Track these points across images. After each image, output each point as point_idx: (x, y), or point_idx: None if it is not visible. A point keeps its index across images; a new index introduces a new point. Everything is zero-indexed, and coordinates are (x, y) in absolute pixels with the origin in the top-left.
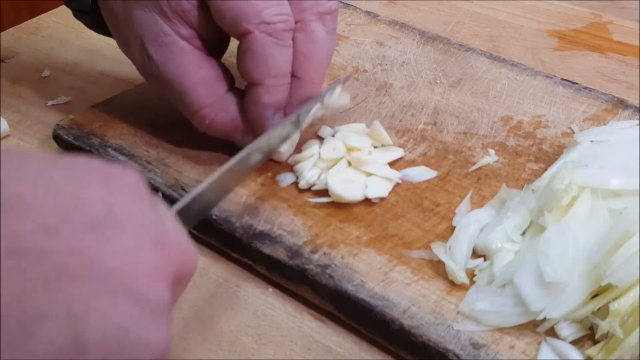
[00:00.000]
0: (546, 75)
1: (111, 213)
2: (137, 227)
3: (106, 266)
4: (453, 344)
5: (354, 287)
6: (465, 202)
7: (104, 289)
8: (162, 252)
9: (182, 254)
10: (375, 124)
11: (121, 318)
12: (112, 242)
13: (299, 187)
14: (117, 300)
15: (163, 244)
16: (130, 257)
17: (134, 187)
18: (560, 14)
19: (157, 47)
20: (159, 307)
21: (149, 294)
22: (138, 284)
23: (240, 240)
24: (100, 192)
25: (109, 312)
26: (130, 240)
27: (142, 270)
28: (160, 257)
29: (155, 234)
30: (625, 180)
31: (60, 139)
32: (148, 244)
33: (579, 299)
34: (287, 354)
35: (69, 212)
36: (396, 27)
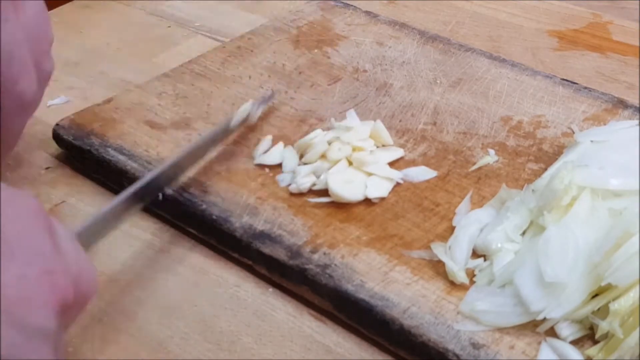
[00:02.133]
0: (546, 75)
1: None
2: (26, 255)
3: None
4: (453, 344)
5: (354, 287)
6: (465, 202)
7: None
8: (50, 281)
9: (75, 280)
10: (377, 124)
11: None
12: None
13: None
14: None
15: (51, 274)
16: (15, 286)
17: (31, 212)
18: (560, 14)
19: None
20: (43, 334)
21: (31, 321)
22: (21, 312)
23: (240, 240)
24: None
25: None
26: (17, 269)
27: (26, 299)
28: (46, 286)
29: (45, 262)
30: (625, 180)
31: (60, 139)
32: (35, 273)
33: (579, 299)
34: (287, 354)
35: None
36: (396, 27)
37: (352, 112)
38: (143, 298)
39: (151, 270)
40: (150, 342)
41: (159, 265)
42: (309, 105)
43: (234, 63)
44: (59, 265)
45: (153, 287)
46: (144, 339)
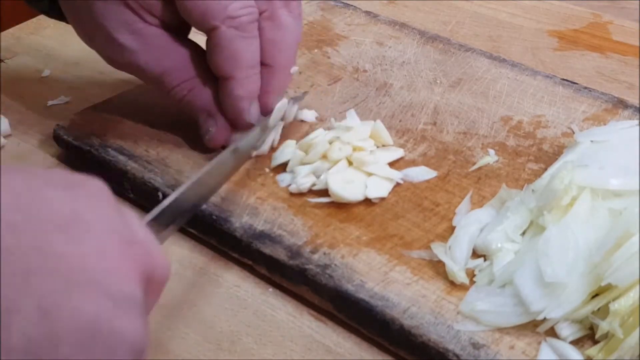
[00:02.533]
0: (546, 75)
1: (77, 215)
2: (102, 228)
3: (73, 263)
4: (453, 344)
5: (354, 287)
6: (465, 202)
7: (73, 285)
8: (130, 252)
9: (150, 257)
10: (377, 124)
11: (92, 311)
12: (77, 240)
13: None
14: (86, 295)
15: (130, 245)
16: (97, 255)
17: (99, 193)
18: (560, 14)
19: (128, 34)
20: (130, 301)
21: (118, 288)
22: (107, 280)
23: (240, 240)
24: (64, 194)
25: (79, 306)
26: (97, 240)
27: (110, 268)
28: (128, 257)
29: (121, 234)
30: (625, 180)
31: (60, 139)
32: (116, 244)
33: (579, 299)
34: (287, 354)
35: (33, 211)
36: (396, 27)
37: (352, 112)
38: None
39: None
40: (150, 342)
41: None
42: (309, 105)
43: None
44: (134, 237)
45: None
46: None
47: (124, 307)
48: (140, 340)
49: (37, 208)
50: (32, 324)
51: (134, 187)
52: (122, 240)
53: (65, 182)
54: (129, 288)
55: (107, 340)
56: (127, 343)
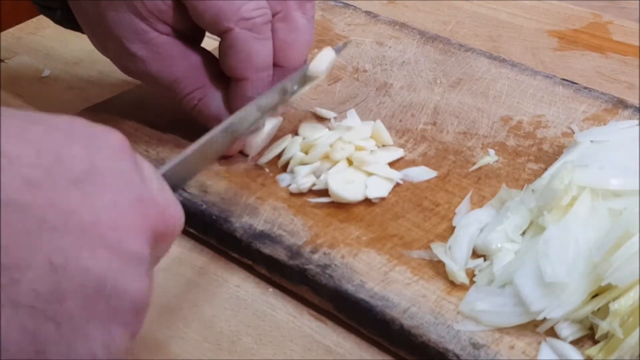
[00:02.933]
0: (546, 75)
1: (92, 169)
2: (117, 184)
3: (85, 219)
4: (453, 344)
5: (354, 287)
6: (465, 202)
7: (83, 241)
8: (141, 209)
9: (163, 212)
10: (377, 124)
11: (99, 268)
12: (92, 197)
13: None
14: (95, 252)
15: (143, 202)
16: (109, 212)
17: (117, 146)
18: (560, 14)
19: (139, 44)
20: (137, 259)
21: (126, 246)
22: (116, 236)
23: (240, 240)
24: (82, 149)
25: (87, 263)
26: (110, 196)
27: (120, 225)
28: (139, 214)
29: (135, 191)
30: (625, 180)
31: None
32: (127, 200)
33: (579, 299)
34: (287, 354)
35: (51, 167)
36: (396, 27)
37: (352, 112)
38: None
39: None
40: (150, 342)
41: (159, 265)
42: (309, 105)
43: None
44: (147, 194)
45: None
46: (144, 339)
47: (130, 265)
48: (142, 299)
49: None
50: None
51: None
52: (136, 197)
53: (86, 134)
54: (137, 246)
55: (111, 297)
56: (129, 301)
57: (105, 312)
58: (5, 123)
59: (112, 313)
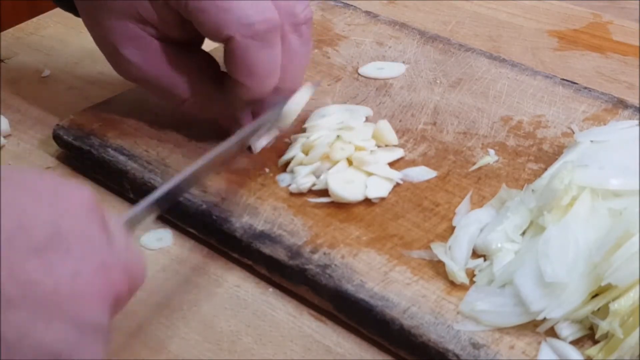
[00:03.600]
0: (546, 75)
1: (56, 234)
2: (82, 250)
3: (45, 291)
4: (453, 344)
5: (354, 287)
6: (465, 202)
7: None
8: (105, 276)
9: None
10: (383, 123)
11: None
12: (53, 265)
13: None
14: (52, 325)
15: (107, 267)
16: (70, 281)
17: (85, 206)
18: (560, 14)
19: (134, 50)
20: (95, 329)
21: (85, 316)
22: (75, 307)
23: (240, 241)
24: (48, 212)
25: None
26: (72, 264)
27: (81, 294)
28: (102, 281)
29: (100, 256)
30: (625, 180)
31: (60, 139)
32: (91, 268)
33: (579, 299)
34: (287, 354)
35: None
36: (396, 27)
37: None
38: (143, 298)
39: (151, 270)
40: (150, 342)
41: (159, 265)
42: (309, 105)
43: None
44: (113, 259)
45: (153, 287)
46: (144, 339)
47: (87, 336)
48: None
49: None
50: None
51: (134, 187)
52: (100, 263)
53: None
54: (96, 315)
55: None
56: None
57: None
58: None
59: None
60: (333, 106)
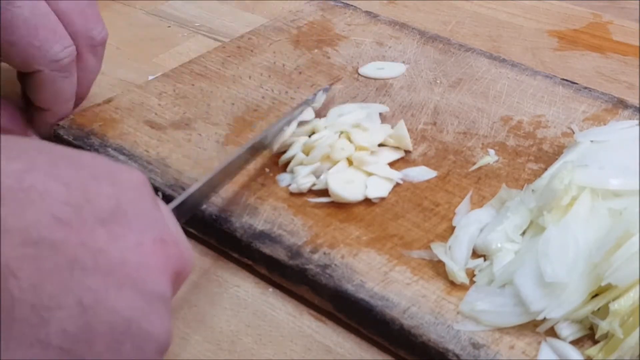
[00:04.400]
0: (546, 75)
1: (118, 209)
2: (141, 224)
3: (113, 260)
4: (453, 343)
5: (354, 287)
6: (465, 202)
7: (112, 282)
8: (164, 250)
9: (180, 253)
10: (400, 126)
11: (127, 310)
12: (119, 237)
13: (290, 190)
14: (123, 292)
15: (165, 242)
16: (135, 253)
17: (140, 186)
18: (560, 14)
19: None
20: (161, 300)
21: (152, 287)
22: (143, 277)
23: (240, 240)
24: (109, 188)
25: (116, 304)
26: (135, 236)
27: (146, 265)
28: (162, 254)
29: (158, 232)
30: (625, 180)
31: (61, 138)
32: (152, 241)
33: (579, 299)
34: (287, 354)
35: (80, 205)
36: (396, 27)
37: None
38: None
39: None
40: None
41: None
42: None
43: (234, 63)
44: (168, 234)
45: None
46: None
47: (154, 306)
48: (166, 339)
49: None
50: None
51: None
52: (157, 238)
53: (110, 173)
54: (161, 287)
55: (136, 337)
56: (155, 342)
57: (131, 352)
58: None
59: (138, 353)
60: (349, 104)
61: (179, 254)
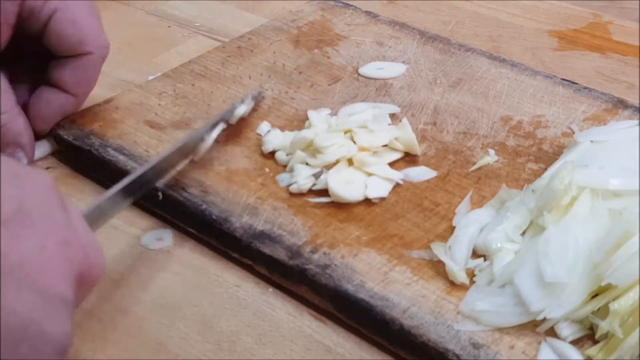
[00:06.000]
0: (546, 75)
1: (20, 210)
2: (44, 226)
3: (12, 260)
4: (453, 343)
5: (353, 287)
6: (465, 202)
7: (10, 282)
8: (67, 252)
9: (85, 256)
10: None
11: (24, 311)
12: (19, 238)
13: (290, 190)
14: (22, 293)
15: (69, 245)
16: (37, 254)
17: (46, 187)
18: (560, 14)
19: None
20: (62, 302)
21: (52, 289)
22: (42, 279)
23: (240, 240)
24: (11, 190)
25: (14, 305)
26: (37, 238)
27: (46, 267)
28: (64, 257)
29: (61, 234)
30: (624, 180)
31: (61, 138)
32: (54, 243)
33: (579, 299)
34: (287, 354)
35: None
36: (396, 27)
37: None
38: (143, 298)
39: (151, 270)
40: (150, 342)
41: (159, 265)
42: (309, 105)
43: (234, 63)
44: (74, 237)
45: (153, 287)
46: (144, 339)
47: (54, 308)
48: (65, 341)
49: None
50: None
51: None
52: (62, 240)
53: (13, 175)
54: (62, 289)
55: (35, 340)
56: (53, 344)
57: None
58: None
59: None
60: (360, 104)
61: (84, 257)
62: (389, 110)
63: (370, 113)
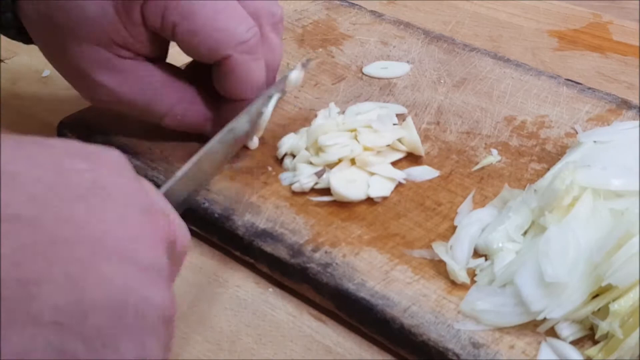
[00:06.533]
0: (550, 75)
1: (96, 183)
2: (123, 197)
3: (98, 232)
4: (453, 343)
5: (354, 285)
6: (467, 202)
7: (100, 253)
8: (151, 220)
9: (171, 226)
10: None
11: (121, 279)
12: (100, 210)
13: (292, 189)
14: (113, 262)
15: (151, 213)
16: (120, 224)
17: (117, 162)
18: (560, 14)
19: (105, 72)
20: (156, 270)
21: (143, 257)
22: (131, 248)
23: (242, 239)
24: (84, 166)
25: (107, 275)
26: (117, 208)
27: (132, 236)
28: (149, 225)
29: (141, 203)
30: (626, 180)
31: (65, 136)
32: (136, 212)
33: (580, 299)
34: (287, 354)
35: (54, 182)
36: (401, 26)
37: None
38: None
39: None
40: None
41: None
42: (313, 104)
43: None
44: (153, 205)
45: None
46: None
47: (151, 275)
48: (169, 307)
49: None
50: (61, 292)
51: None
52: (142, 209)
53: (83, 152)
54: (154, 255)
55: (137, 308)
56: (157, 310)
57: (134, 324)
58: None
59: (142, 325)
60: (368, 103)
61: (168, 223)
62: (397, 111)
63: (376, 113)
